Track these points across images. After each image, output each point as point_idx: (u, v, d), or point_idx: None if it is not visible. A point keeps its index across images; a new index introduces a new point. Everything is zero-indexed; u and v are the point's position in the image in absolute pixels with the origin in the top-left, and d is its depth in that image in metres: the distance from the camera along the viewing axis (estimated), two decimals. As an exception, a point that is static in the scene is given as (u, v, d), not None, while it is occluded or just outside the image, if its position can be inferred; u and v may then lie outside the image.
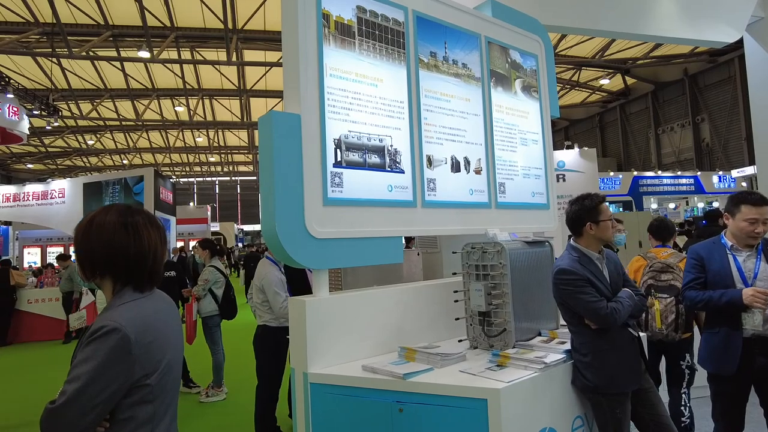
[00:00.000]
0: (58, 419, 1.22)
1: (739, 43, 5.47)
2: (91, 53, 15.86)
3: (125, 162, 32.19)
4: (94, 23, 15.08)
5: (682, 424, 3.14)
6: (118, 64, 17.72)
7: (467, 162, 3.15)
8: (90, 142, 27.38)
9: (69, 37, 14.57)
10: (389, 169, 2.74)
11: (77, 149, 28.67)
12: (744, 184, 18.00)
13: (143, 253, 1.38)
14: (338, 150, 2.53)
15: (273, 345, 3.59)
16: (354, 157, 2.59)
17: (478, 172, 3.21)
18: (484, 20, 3.36)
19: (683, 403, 3.19)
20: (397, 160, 2.78)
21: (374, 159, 2.68)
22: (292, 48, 2.45)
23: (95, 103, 20.99)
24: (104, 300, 1.42)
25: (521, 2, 3.79)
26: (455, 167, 3.08)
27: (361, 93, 2.65)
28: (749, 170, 17.67)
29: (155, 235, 1.43)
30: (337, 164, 2.51)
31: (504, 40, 3.48)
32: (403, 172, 2.80)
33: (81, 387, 1.21)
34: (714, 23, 5.04)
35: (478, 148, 3.23)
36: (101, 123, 23.85)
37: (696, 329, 3.29)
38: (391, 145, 2.76)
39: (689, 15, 4.95)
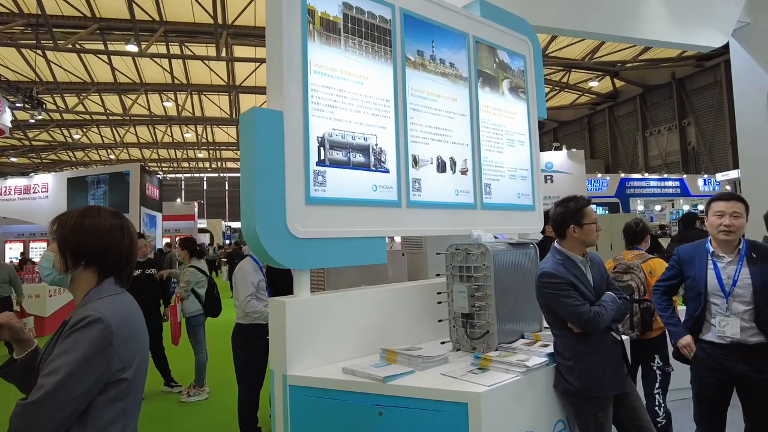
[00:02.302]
0: (32, 414, 1.19)
1: (726, 48, 5.52)
2: (77, 46, 15.61)
3: (112, 157, 31.78)
4: (81, 15, 14.83)
5: (658, 425, 3.18)
6: (105, 57, 17.45)
7: (453, 162, 3.13)
8: (76, 137, 26.97)
9: (55, 29, 14.32)
10: (374, 168, 2.70)
11: (63, 143, 28.22)
12: (728, 187, 18.25)
13: (132, 251, 1.47)
14: (322, 148, 2.48)
15: (245, 343, 3.55)
16: (338, 155, 2.55)
17: (464, 172, 3.19)
18: (473, 20, 3.34)
19: (657, 403, 3.22)
20: (382, 159, 2.75)
21: (359, 158, 2.64)
22: (275, 43, 2.40)
23: (81, 97, 20.67)
24: None
25: (510, 2, 3.77)
26: (441, 167, 3.06)
27: (346, 90, 2.61)
28: (733, 174, 17.91)
29: (136, 236, 1.54)
30: (320, 162, 2.47)
31: (492, 40, 3.46)
32: (388, 172, 2.77)
33: (61, 379, 1.19)
34: (701, 28, 5.07)
35: (464, 149, 3.21)
36: (87, 117, 23.50)
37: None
38: (376, 144, 2.73)
39: (677, 19, 4.98)
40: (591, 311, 2.21)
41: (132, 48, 15.18)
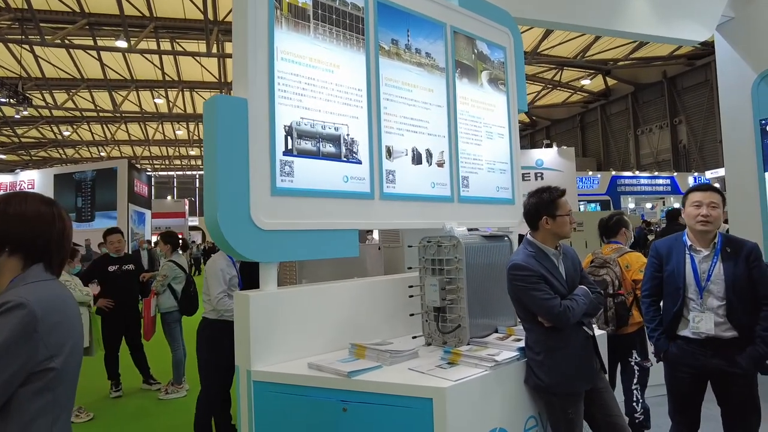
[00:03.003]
0: None
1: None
2: (66, 41, 15.42)
3: (103, 154, 31.51)
4: (69, 10, 14.66)
5: (636, 420, 3.14)
6: (94, 53, 17.27)
7: (429, 154, 3.07)
8: (66, 133, 26.71)
9: (42, 24, 14.14)
10: (345, 159, 2.64)
11: (53, 140, 27.96)
12: (717, 185, 18.32)
13: (64, 238, 1.40)
14: (289, 137, 2.41)
15: (211, 338, 3.45)
16: (306, 145, 2.48)
17: (440, 164, 3.13)
18: (450, 9, 3.28)
19: (635, 399, 3.18)
20: (354, 150, 2.68)
21: (329, 148, 2.57)
22: (241, 29, 2.34)
23: (71, 93, 20.45)
24: None
25: (491, -7, 3.71)
26: (416, 159, 3.00)
27: (315, 79, 2.54)
28: (722, 172, 17.96)
29: (70, 222, 1.46)
30: (287, 152, 2.40)
31: (471, 31, 3.40)
32: (360, 163, 2.70)
33: None
34: (685, 22, 5.04)
35: (440, 141, 3.15)
36: (77, 114, 23.28)
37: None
38: (348, 134, 2.66)
39: (661, 13, 4.94)
40: (561, 305, 2.15)
41: (122, 44, 15.02)
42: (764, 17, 4.95)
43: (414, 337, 2.61)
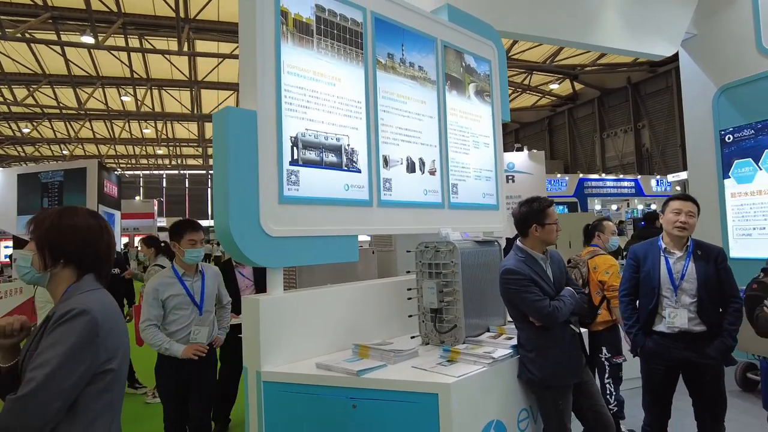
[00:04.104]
0: (23, 408, 1.20)
1: (677, 56, 5.87)
2: (27, 35, 14.88)
3: (65, 152, 30.40)
4: (32, 3, 14.15)
5: (611, 412, 3.37)
6: (58, 48, 16.70)
7: (422, 163, 3.22)
8: (25, 131, 25.66)
9: (2, 17, 13.61)
10: (346, 168, 2.76)
11: (10, 137, 26.80)
12: (678, 188, 19.21)
13: (110, 249, 1.52)
14: (295, 148, 2.52)
15: (157, 369, 3.31)
16: (311, 155, 2.60)
17: (432, 173, 3.29)
18: (441, 24, 3.44)
19: (608, 392, 3.44)
20: (354, 159, 2.81)
21: (331, 158, 2.69)
22: (249, 44, 2.43)
23: (32, 89, 19.69)
24: (45, 297, 1.43)
25: (476, 8, 3.90)
26: (411, 168, 3.15)
27: (318, 91, 2.66)
28: (683, 175, 18.84)
29: (113, 235, 1.58)
30: (293, 162, 2.51)
31: (459, 45, 3.57)
32: (360, 172, 2.83)
33: (51, 371, 1.21)
34: (653, 38, 5.37)
35: (432, 150, 3.31)
36: (38, 110, 22.40)
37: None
38: (348, 145, 2.79)
39: (631, 29, 5.26)
40: (550, 306, 2.35)
41: (88, 39, 14.60)
42: (724, 35, 5.33)
43: (412, 337, 2.76)
